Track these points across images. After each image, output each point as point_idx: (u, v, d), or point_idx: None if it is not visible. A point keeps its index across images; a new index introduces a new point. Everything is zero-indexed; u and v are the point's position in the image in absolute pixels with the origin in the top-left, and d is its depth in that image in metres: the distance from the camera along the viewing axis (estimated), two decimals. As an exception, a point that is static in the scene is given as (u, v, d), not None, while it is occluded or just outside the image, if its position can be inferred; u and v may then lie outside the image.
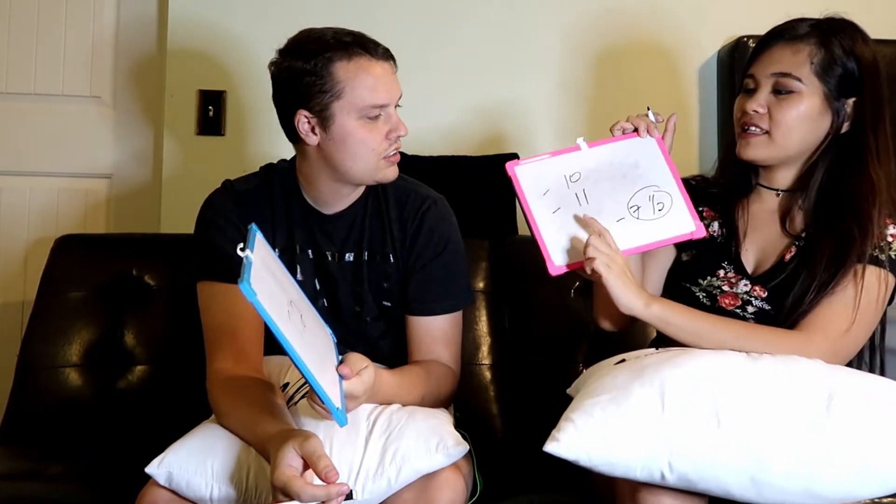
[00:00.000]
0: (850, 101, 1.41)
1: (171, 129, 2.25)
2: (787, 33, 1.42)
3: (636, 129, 1.44)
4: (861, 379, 1.23)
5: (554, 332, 1.48)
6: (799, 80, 1.39)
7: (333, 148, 1.43)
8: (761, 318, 1.41)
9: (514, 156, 2.12)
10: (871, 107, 1.41)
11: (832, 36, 1.41)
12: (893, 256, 1.38)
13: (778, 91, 1.41)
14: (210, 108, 2.22)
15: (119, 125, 2.35)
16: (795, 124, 1.40)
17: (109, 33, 2.34)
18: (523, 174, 1.41)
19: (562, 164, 1.41)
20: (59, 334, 1.86)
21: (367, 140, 1.42)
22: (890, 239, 1.39)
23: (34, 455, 1.67)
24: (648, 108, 1.46)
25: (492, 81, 2.27)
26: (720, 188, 1.52)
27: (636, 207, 1.39)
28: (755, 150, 1.43)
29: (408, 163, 1.71)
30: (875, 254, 1.37)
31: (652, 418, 1.17)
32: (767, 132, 1.42)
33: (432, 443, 1.27)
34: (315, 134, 1.44)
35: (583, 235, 1.36)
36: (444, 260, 1.54)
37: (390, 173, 1.47)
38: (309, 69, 1.40)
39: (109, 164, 2.35)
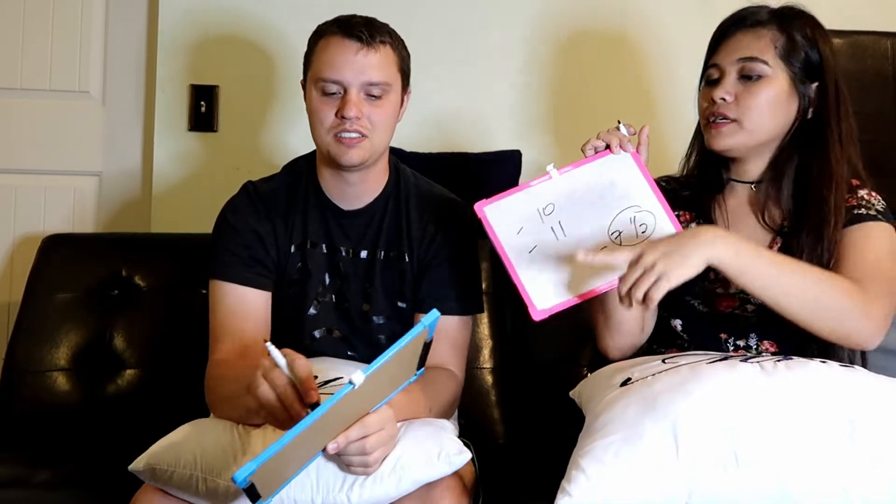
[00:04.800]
0: (814, 85, 1.43)
1: (162, 125, 2.23)
2: (747, 20, 1.44)
3: (608, 146, 1.39)
4: (882, 396, 1.19)
5: (557, 334, 1.46)
6: (765, 63, 1.40)
7: (309, 119, 1.51)
8: (763, 312, 1.39)
9: (517, 153, 2.11)
10: (834, 92, 1.42)
11: (792, 22, 1.43)
12: (881, 209, 1.41)
13: (745, 77, 1.42)
14: (202, 103, 2.20)
15: (108, 121, 2.33)
16: (765, 109, 1.41)
17: (98, 26, 2.32)
18: (493, 214, 1.34)
19: (533, 196, 1.35)
20: (47, 337, 1.84)
21: (318, 112, 1.46)
22: (866, 197, 1.42)
23: (20, 461, 1.63)
24: (619, 122, 1.42)
25: (493, 76, 2.24)
26: (692, 188, 1.50)
27: (617, 233, 1.34)
28: (725, 139, 1.42)
29: (407, 160, 1.69)
30: (862, 212, 1.40)
31: (667, 462, 1.13)
32: (736, 120, 1.42)
33: (433, 451, 1.24)
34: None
35: (563, 273, 1.30)
36: (459, 262, 1.56)
37: (345, 156, 1.46)
38: (307, 48, 1.52)
39: (98, 161, 2.33)
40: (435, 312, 1.14)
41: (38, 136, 2.30)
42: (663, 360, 1.32)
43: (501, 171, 2.09)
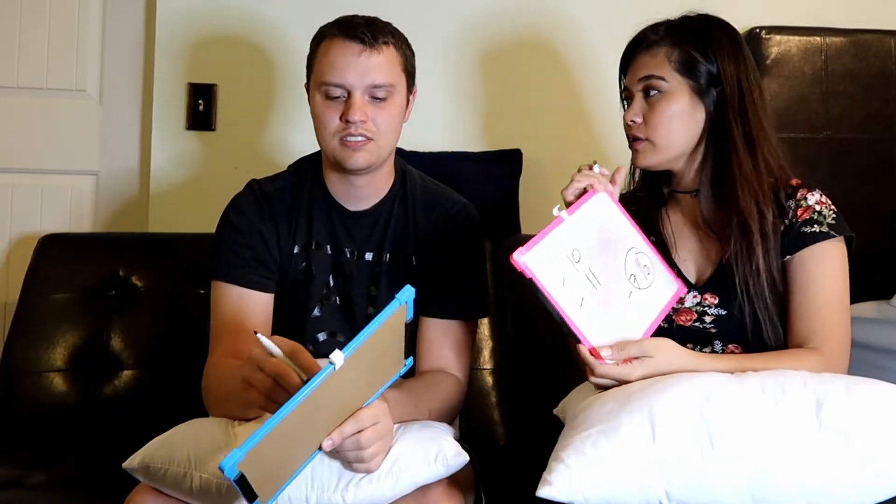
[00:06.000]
0: (716, 91, 1.45)
1: (159, 124, 2.21)
2: (644, 42, 1.48)
3: (588, 187, 1.39)
4: (848, 382, 1.22)
5: (558, 335, 1.45)
6: (662, 78, 1.45)
7: (314, 123, 1.48)
8: (721, 324, 1.43)
9: (518, 152, 2.10)
10: (736, 94, 1.44)
11: (684, 35, 1.46)
12: (832, 221, 1.41)
13: (649, 95, 1.46)
14: (200, 101, 2.19)
15: (106, 120, 2.32)
16: (669, 123, 1.44)
17: (96, 23, 2.31)
18: (534, 264, 1.29)
19: (558, 242, 1.33)
20: (43, 337, 1.83)
21: (322, 116, 1.45)
22: (818, 207, 1.42)
23: (18, 463, 1.63)
24: (595, 162, 1.43)
25: (493, 73, 2.23)
26: (639, 203, 1.53)
27: (633, 276, 1.37)
28: (644, 158, 1.48)
29: (406, 159, 1.68)
30: (815, 230, 1.40)
31: (644, 449, 1.15)
32: (647, 139, 1.46)
33: (431, 453, 1.23)
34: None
35: (610, 319, 1.33)
36: (466, 265, 1.55)
37: (350, 159, 1.45)
38: (310, 51, 1.50)
39: (96, 160, 2.32)
40: (409, 288, 1.13)
41: (35, 134, 2.28)
42: None
43: (501, 170, 2.08)
